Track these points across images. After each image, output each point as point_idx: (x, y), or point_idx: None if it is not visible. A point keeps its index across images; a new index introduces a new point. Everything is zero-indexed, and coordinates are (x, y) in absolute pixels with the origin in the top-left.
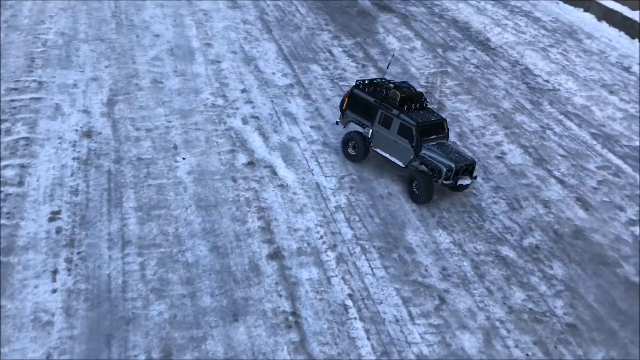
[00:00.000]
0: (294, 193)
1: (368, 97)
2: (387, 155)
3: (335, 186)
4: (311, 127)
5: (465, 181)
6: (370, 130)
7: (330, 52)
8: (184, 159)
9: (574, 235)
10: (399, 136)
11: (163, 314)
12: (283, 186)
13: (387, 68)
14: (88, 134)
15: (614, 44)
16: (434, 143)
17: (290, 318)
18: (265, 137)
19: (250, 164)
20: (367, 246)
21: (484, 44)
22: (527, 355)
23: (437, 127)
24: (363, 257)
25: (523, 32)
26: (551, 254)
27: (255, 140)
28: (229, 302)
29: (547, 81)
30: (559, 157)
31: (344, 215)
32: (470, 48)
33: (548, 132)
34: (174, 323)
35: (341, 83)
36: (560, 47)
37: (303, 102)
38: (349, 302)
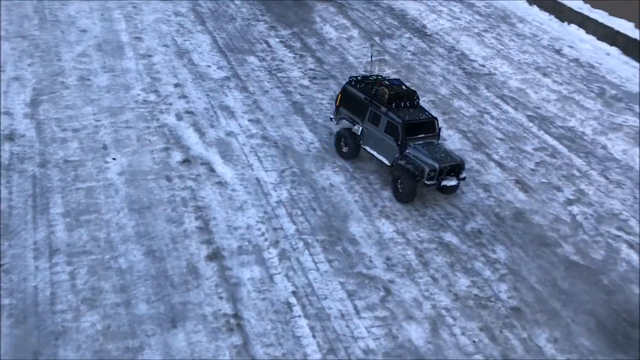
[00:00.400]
0: (233, 190)
1: (359, 94)
2: (375, 153)
3: (276, 180)
4: (249, 120)
5: (451, 182)
6: (360, 128)
7: (266, 42)
8: (114, 159)
9: (515, 217)
10: (386, 134)
11: (96, 325)
12: (221, 183)
13: (371, 59)
14: (10, 137)
15: (545, 27)
16: (422, 142)
17: (232, 321)
18: (201, 132)
19: (186, 161)
20: (310, 240)
21: (420, 31)
22: (474, 342)
23: (426, 126)
24: (306, 252)
25: (458, 18)
26: (493, 238)
27: (190, 137)
28: (167, 308)
29: (483, 66)
30: (497, 141)
31: (285, 210)
32: (407, 35)
33: (486, 116)
34: (108, 334)
35: (279, 74)
36: (495, 32)
37: (240, 95)
38: (293, 300)
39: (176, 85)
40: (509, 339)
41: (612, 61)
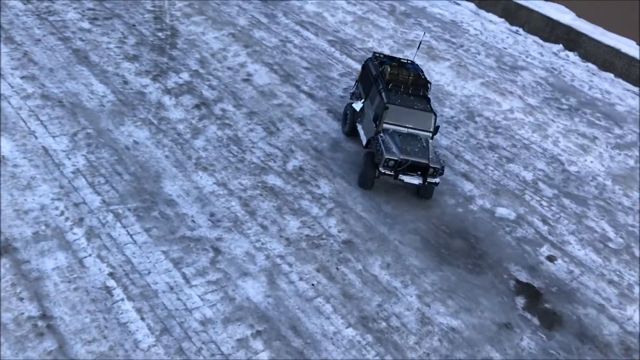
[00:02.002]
0: (15, 165)
1: (373, 71)
2: (361, 132)
3: (68, 147)
4: (22, 78)
5: (411, 179)
6: (362, 105)
7: None
8: None
9: (333, 148)
10: (374, 114)
11: None
12: None
13: (418, 49)
14: None
15: None
16: (406, 132)
17: (41, 323)
18: None
19: None
20: (120, 211)
21: None
22: (313, 285)
23: (419, 118)
24: (118, 224)
25: None
26: (316, 173)
27: None
28: None
29: None
30: (303, 71)
31: (85, 180)
32: None
33: (288, 45)
34: None
35: (51, 18)
36: None
37: (5, 48)
38: (111, 283)
39: None
40: (346, 274)
41: None
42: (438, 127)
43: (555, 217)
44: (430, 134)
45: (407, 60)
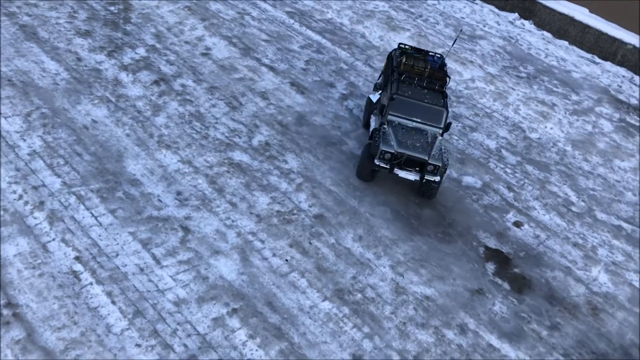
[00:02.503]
0: None
1: (394, 61)
2: (372, 124)
3: (22, 128)
4: None
5: (407, 175)
6: (378, 96)
7: None
8: None
9: (298, 122)
10: (381, 105)
11: None
12: None
13: (452, 45)
14: None
15: None
16: (412, 125)
17: (6, 312)
18: None
19: None
20: (83, 192)
21: None
22: (287, 260)
23: (428, 113)
24: (81, 206)
25: None
26: (282, 148)
27: None
28: None
29: None
30: (263, 43)
31: (43, 161)
32: None
33: (246, 17)
34: None
35: None
36: None
37: None
38: (78, 267)
39: None
40: (319, 248)
41: None
42: (450, 123)
43: (519, 183)
44: (440, 130)
45: (435, 53)
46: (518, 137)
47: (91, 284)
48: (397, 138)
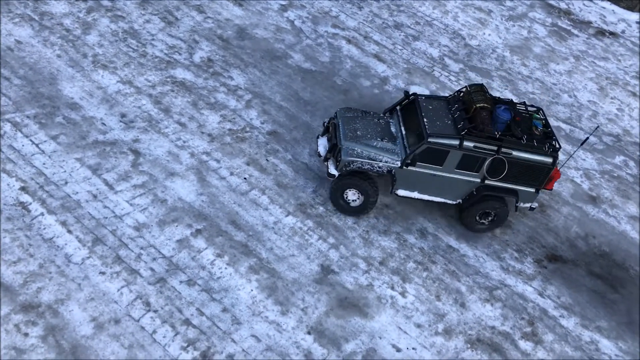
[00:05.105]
0: None
1: None
2: None
3: None
4: None
5: (329, 168)
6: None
7: None
8: None
9: (239, 36)
10: None
11: None
12: None
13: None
14: None
15: None
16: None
17: None
18: None
19: None
20: (18, 119)
21: None
22: (245, 179)
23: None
24: (19, 134)
25: None
26: (226, 63)
27: None
28: None
29: None
30: None
31: None
32: None
33: None
34: None
35: None
36: None
37: None
38: (25, 198)
39: None
40: (277, 165)
41: None
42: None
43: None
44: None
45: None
46: (459, 44)
47: (42, 214)
48: (357, 137)
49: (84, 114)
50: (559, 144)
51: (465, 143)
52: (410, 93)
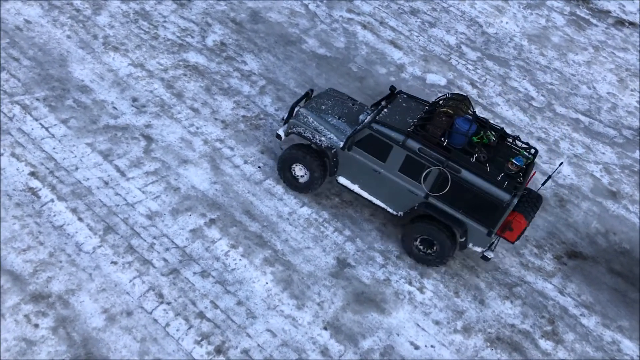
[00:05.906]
0: None
1: None
2: None
3: None
4: None
5: (281, 130)
6: None
7: None
8: None
9: (253, 19)
10: None
11: None
12: None
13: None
14: None
15: None
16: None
17: None
18: None
19: None
20: (28, 102)
21: None
22: (259, 167)
23: None
24: (28, 117)
25: None
26: (239, 47)
27: None
28: None
29: None
30: None
31: None
32: None
33: None
34: None
35: None
36: None
37: None
38: (35, 183)
39: None
40: None
41: None
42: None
43: (482, 79)
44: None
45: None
46: (476, 32)
47: (52, 200)
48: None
49: (95, 97)
50: (536, 193)
51: (410, 142)
52: (396, 90)
